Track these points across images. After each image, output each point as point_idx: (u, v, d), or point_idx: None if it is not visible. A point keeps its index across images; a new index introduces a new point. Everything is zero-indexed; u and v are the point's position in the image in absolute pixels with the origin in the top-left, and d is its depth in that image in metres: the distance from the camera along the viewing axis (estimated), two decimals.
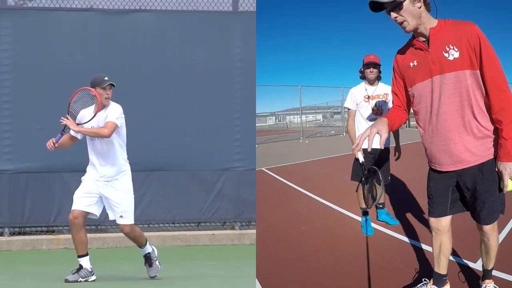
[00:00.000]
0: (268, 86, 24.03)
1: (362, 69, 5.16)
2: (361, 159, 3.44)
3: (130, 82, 6.42)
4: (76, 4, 6.42)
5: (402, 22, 2.81)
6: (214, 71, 6.59)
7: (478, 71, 2.77)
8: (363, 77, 5.20)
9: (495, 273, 3.76)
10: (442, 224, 3.12)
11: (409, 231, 5.10)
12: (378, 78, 5.16)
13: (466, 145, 2.87)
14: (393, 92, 3.21)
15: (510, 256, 4.18)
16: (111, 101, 4.54)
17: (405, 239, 4.90)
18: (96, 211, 4.53)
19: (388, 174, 5.26)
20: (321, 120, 39.96)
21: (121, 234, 6.39)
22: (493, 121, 2.84)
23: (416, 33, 2.91)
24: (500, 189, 2.90)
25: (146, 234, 6.29)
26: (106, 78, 4.51)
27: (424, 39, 2.90)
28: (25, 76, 6.24)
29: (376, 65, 5.06)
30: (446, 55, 2.78)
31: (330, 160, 12.75)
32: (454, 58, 2.77)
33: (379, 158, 5.12)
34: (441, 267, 3.22)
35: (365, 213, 5.34)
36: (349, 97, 5.27)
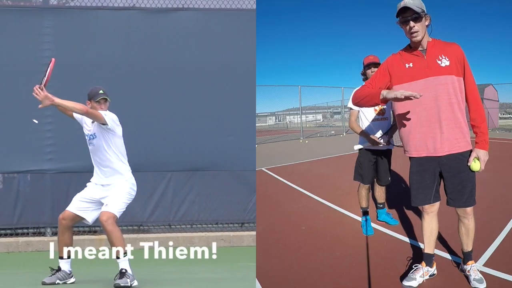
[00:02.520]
0: (268, 86, 24.03)
1: (363, 71, 5.17)
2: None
3: (172, 81, 6.42)
4: (118, 3, 6.40)
5: (416, 32, 3.40)
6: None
7: (462, 79, 3.44)
8: (366, 79, 5.20)
9: (495, 273, 3.79)
10: (436, 207, 3.65)
11: (409, 231, 5.10)
12: None
13: (447, 135, 3.42)
14: (372, 79, 3.67)
15: (510, 256, 4.19)
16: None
17: (405, 239, 4.91)
18: (89, 217, 4.48)
19: (388, 174, 5.27)
20: (321, 120, 40.02)
21: (164, 234, 6.37)
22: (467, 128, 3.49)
23: (416, 44, 3.50)
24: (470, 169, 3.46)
25: (189, 234, 6.46)
26: (100, 92, 4.45)
27: (421, 49, 3.50)
28: (67, 75, 6.15)
29: (376, 65, 5.06)
30: (439, 62, 3.42)
31: (330, 160, 12.75)
32: (445, 65, 3.41)
33: (380, 158, 5.14)
34: (431, 248, 3.75)
35: (365, 213, 5.35)
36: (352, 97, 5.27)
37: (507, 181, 7.86)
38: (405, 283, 3.64)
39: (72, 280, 4.50)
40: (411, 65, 3.50)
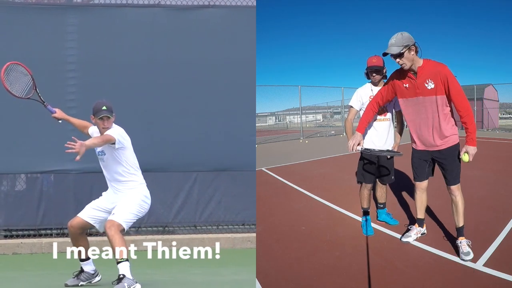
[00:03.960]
0: (268, 86, 23.99)
1: (366, 71, 5.11)
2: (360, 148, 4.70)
3: (197, 80, 6.34)
4: (143, 0, 6.36)
5: (402, 64, 4.28)
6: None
7: (445, 96, 4.29)
8: (369, 78, 5.16)
9: (495, 273, 3.80)
10: (424, 185, 4.72)
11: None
12: (384, 77, 5.11)
13: (435, 137, 4.45)
14: (380, 92, 4.75)
15: (510, 256, 4.19)
16: (114, 124, 4.42)
17: None
18: (99, 225, 4.44)
19: (391, 174, 5.26)
20: (321, 120, 40.02)
21: (189, 236, 6.32)
22: (453, 127, 4.45)
23: (409, 69, 4.34)
24: (460, 160, 4.40)
25: (215, 236, 6.39)
26: (103, 108, 4.32)
27: (413, 72, 4.35)
28: (91, 73, 6.16)
29: (378, 71, 5.00)
30: (426, 85, 4.31)
31: (330, 160, 12.74)
32: (431, 88, 4.30)
33: (383, 157, 5.11)
34: (422, 214, 4.86)
35: (365, 213, 5.34)
36: (355, 96, 5.23)
37: (507, 181, 7.86)
38: (403, 239, 4.80)
39: (98, 278, 4.50)
40: (407, 85, 4.44)
